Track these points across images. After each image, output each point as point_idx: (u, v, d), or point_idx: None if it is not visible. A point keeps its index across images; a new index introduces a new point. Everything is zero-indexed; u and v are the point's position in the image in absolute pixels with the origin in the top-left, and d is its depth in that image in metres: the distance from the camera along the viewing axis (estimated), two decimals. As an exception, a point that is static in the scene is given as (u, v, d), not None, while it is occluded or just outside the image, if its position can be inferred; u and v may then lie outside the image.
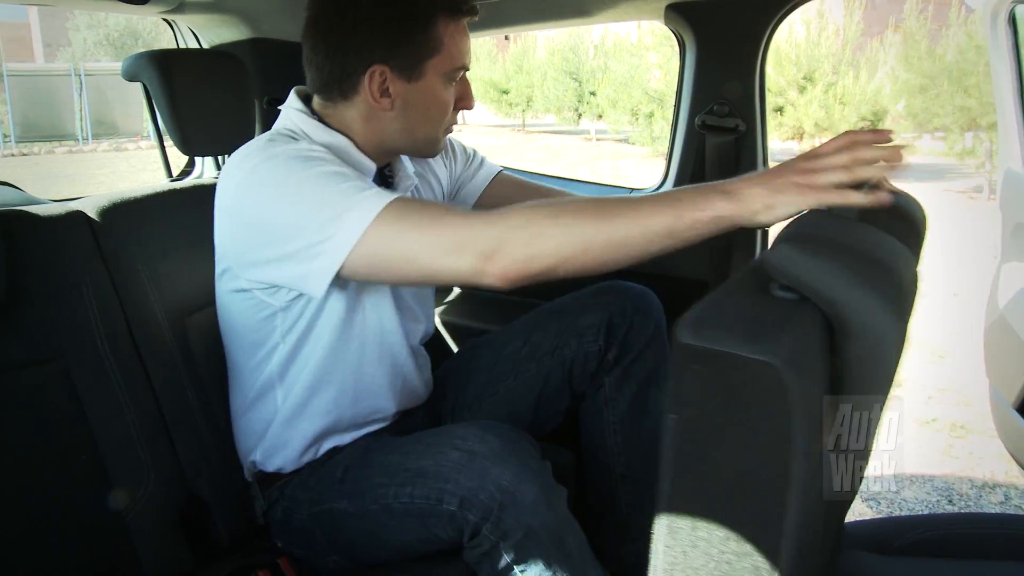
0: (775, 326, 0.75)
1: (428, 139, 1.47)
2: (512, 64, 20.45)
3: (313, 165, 1.27)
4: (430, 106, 1.42)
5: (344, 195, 1.23)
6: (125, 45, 24.30)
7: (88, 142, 18.02)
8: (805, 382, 0.72)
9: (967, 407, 4.15)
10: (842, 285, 0.80)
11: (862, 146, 1.10)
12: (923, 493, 3.24)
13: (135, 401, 1.49)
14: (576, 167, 15.07)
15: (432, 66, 1.38)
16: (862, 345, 0.81)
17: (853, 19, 13.94)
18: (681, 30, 1.82)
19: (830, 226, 0.96)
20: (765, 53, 1.76)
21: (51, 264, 1.46)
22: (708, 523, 0.75)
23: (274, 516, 1.54)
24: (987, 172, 11.33)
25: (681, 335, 0.73)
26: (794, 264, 0.82)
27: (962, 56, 11.53)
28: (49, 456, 1.39)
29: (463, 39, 1.41)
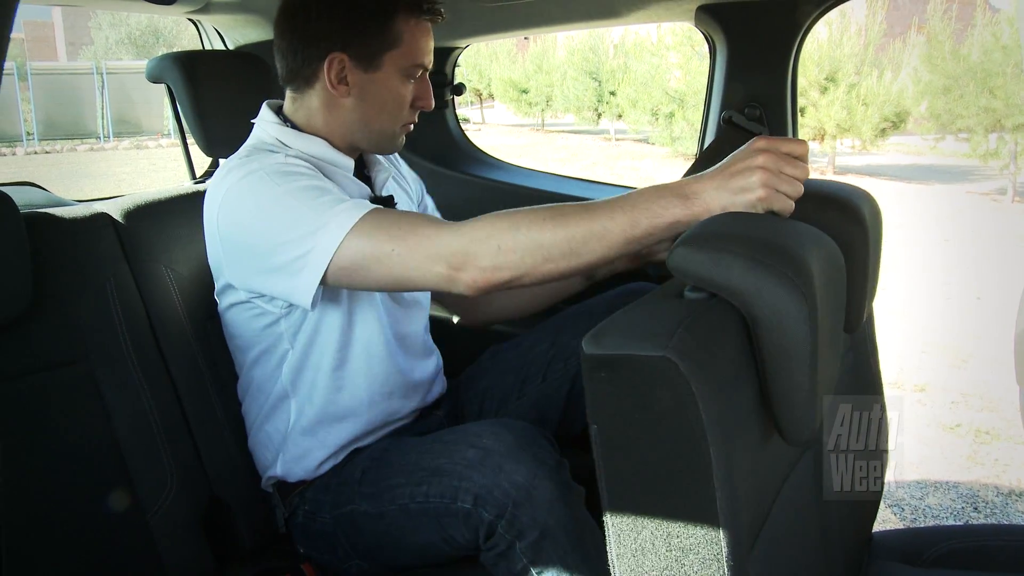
0: (675, 325, 0.78)
1: (384, 133, 1.49)
2: (532, 63, 20.42)
3: (290, 180, 1.30)
4: (386, 99, 1.45)
5: (320, 209, 1.26)
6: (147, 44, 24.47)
7: (109, 140, 18.14)
8: (712, 374, 0.76)
9: (992, 412, 4.10)
10: (742, 275, 0.84)
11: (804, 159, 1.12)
12: (948, 500, 3.20)
13: (159, 403, 1.49)
14: (595, 167, 15.04)
15: (390, 59, 1.42)
16: (771, 328, 0.84)
17: (876, 19, 13.82)
18: (712, 32, 1.80)
19: (731, 221, 0.99)
20: (797, 56, 1.74)
21: (76, 266, 1.46)
22: (649, 524, 0.78)
23: (296, 521, 1.53)
24: (1011, 174, 11.22)
25: (586, 346, 0.78)
26: (692, 263, 0.87)
27: (987, 56, 11.42)
28: (73, 458, 1.39)
29: (424, 38, 1.44)
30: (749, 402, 0.86)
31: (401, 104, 1.46)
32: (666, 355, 0.74)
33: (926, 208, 10.69)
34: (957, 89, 11.68)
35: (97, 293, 1.47)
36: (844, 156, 14.74)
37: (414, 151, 2.23)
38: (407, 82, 1.45)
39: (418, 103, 1.49)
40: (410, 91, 1.47)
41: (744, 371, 0.86)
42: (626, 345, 0.77)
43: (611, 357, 0.77)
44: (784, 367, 0.86)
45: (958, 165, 13.44)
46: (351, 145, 1.51)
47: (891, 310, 6.06)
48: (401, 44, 1.41)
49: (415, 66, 1.44)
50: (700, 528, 0.77)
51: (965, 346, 5.16)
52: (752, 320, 0.86)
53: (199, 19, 2.11)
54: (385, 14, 1.40)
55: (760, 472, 0.89)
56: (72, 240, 1.47)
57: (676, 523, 0.78)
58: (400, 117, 1.48)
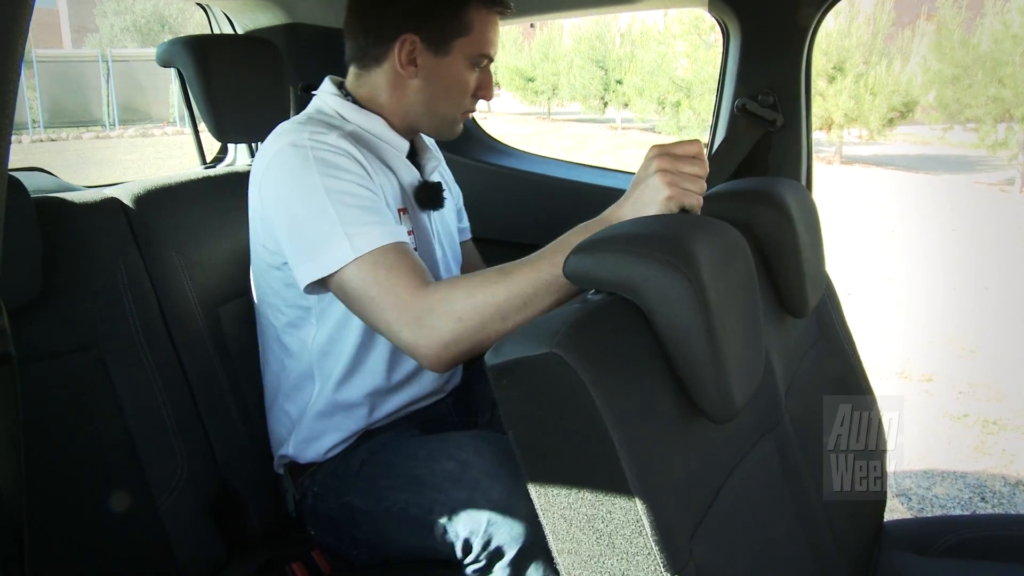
0: (561, 323, 0.83)
1: (446, 117, 1.51)
2: (538, 52, 20.40)
3: (332, 174, 1.30)
4: (451, 84, 1.48)
5: (346, 220, 1.27)
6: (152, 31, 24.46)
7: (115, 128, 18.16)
8: (603, 363, 0.81)
9: (999, 402, 4.10)
10: (628, 269, 0.90)
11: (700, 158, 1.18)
12: (955, 490, 3.20)
13: (169, 390, 1.49)
14: (602, 155, 15.02)
15: (459, 46, 1.44)
16: (663, 314, 0.89)
17: (884, 8, 13.76)
18: (726, 18, 1.79)
19: (619, 225, 1.05)
20: (812, 43, 1.73)
21: (87, 251, 1.45)
22: (577, 516, 0.83)
23: (306, 504, 1.53)
24: (1020, 164, 11.19)
25: (488, 358, 0.83)
26: (583, 267, 0.94)
27: (997, 46, 11.37)
28: (84, 446, 1.39)
29: (492, 29, 1.47)
30: (659, 387, 0.90)
31: (464, 91, 1.49)
32: (552, 351, 0.79)
33: (933, 198, 10.67)
34: (966, 78, 11.65)
35: (108, 279, 1.46)
36: (851, 146, 14.71)
37: (424, 138, 2.22)
38: (472, 70, 1.48)
39: (480, 92, 1.52)
40: (474, 80, 1.49)
41: (648, 358, 0.90)
42: (519, 349, 0.82)
43: (508, 363, 0.82)
44: (683, 348, 0.89)
45: (966, 155, 13.41)
46: (410, 126, 1.53)
47: (899, 300, 6.05)
48: (471, 32, 1.44)
49: (481, 55, 1.47)
50: (620, 511, 0.80)
51: (972, 336, 5.16)
52: (647, 310, 0.90)
53: (209, 4, 2.10)
54: (460, 2, 1.42)
55: (693, 455, 0.93)
56: (83, 226, 1.46)
57: (598, 509, 0.81)
58: (462, 104, 1.51)
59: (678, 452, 0.90)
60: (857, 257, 7.32)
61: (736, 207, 1.38)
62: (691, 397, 0.92)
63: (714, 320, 0.89)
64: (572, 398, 0.80)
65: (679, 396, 0.92)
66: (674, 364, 0.91)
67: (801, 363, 1.43)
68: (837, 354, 1.58)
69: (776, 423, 1.21)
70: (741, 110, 1.75)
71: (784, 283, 1.36)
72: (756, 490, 1.08)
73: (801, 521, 1.20)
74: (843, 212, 9.25)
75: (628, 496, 0.80)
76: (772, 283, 1.36)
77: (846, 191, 10.94)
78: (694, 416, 0.94)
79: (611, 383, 0.81)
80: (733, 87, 1.79)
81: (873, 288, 6.37)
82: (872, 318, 5.50)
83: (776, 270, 1.36)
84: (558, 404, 0.81)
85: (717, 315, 0.90)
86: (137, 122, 18.47)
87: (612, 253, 0.93)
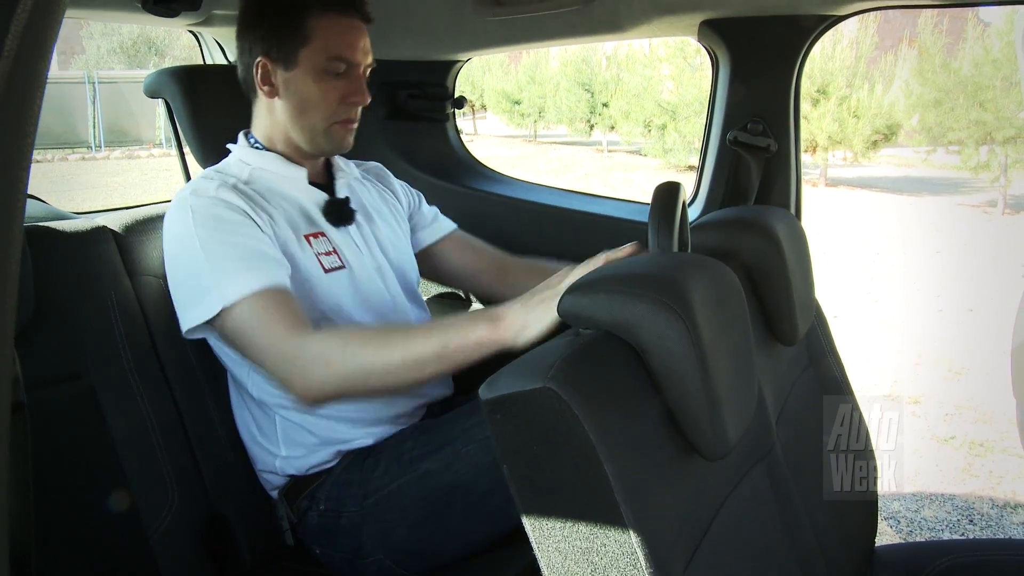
0: (556, 358, 0.84)
1: (314, 129, 1.54)
2: (524, 74, 20.46)
3: (204, 226, 1.39)
4: (307, 95, 1.51)
5: (211, 274, 1.36)
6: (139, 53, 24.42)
7: (101, 149, 18.09)
8: (596, 397, 0.82)
9: (986, 424, 4.12)
10: (622, 309, 0.91)
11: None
12: (943, 512, 3.21)
13: (160, 419, 1.48)
14: (588, 178, 15.07)
15: (304, 56, 1.49)
16: (657, 353, 0.91)
17: (867, 32, 13.92)
18: (715, 47, 1.80)
19: (613, 265, 1.07)
20: (800, 72, 1.75)
21: (77, 280, 1.45)
22: (571, 550, 0.83)
23: (309, 523, 1.52)
24: (1002, 186, 11.29)
25: (482, 393, 0.84)
26: (577, 307, 0.95)
27: (978, 70, 11.51)
28: (74, 476, 1.38)
29: (338, 32, 1.50)
30: (652, 422, 0.91)
31: (323, 99, 1.51)
32: (546, 385, 0.80)
33: (917, 220, 10.74)
34: (948, 102, 11.77)
35: (98, 307, 1.46)
36: (836, 168, 14.80)
37: (414, 164, 2.23)
38: (327, 77, 1.50)
39: (351, 99, 1.53)
40: (335, 87, 1.51)
41: (641, 394, 0.91)
42: (513, 384, 0.83)
43: (503, 398, 0.83)
44: (678, 387, 0.91)
45: (949, 177, 13.51)
46: (296, 148, 1.57)
47: (885, 321, 6.08)
48: (313, 39, 1.48)
49: (332, 59, 1.49)
50: (614, 543, 0.81)
51: (959, 358, 5.18)
52: (640, 349, 0.92)
53: (200, 31, 2.11)
54: (295, 13, 1.48)
55: (686, 487, 0.94)
56: (74, 254, 1.46)
57: (593, 542, 0.82)
58: (328, 114, 1.52)
59: (672, 485, 0.91)
60: (843, 279, 7.35)
61: (725, 236, 1.39)
62: (684, 434, 0.93)
63: (708, 360, 0.90)
64: (566, 432, 0.80)
65: (672, 431, 0.93)
66: (668, 401, 0.92)
67: (791, 390, 1.43)
68: (827, 380, 1.58)
69: (767, 451, 1.21)
70: (733, 143, 1.77)
71: (774, 312, 1.36)
72: (748, 519, 1.09)
73: (793, 548, 1.20)
74: (828, 234, 9.30)
75: (623, 529, 0.80)
76: (762, 312, 1.37)
77: (831, 213, 11.00)
78: (687, 450, 0.94)
79: (605, 417, 0.82)
80: (723, 114, 1.80)
81: (859, 310, 6.40)
82: (858, 340, 5.52)
83: (766, 299, 1.36)
84: (552, 438, 0.82)
85: (711, 355, 0.91)
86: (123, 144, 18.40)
87: (606, 293, 0.94)
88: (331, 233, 1.55)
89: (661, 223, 1.14)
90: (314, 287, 1.49)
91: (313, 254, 1.50)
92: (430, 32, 2.05)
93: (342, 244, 1.56)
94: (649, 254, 1.15)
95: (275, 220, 1.47)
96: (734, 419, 0.96)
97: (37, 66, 0.46)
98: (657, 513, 0.85)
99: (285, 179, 1.56)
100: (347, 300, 1.53)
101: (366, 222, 1.64)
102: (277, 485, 1.57)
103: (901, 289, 7.15)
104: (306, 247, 1.50)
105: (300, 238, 1.49)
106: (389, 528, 1.45)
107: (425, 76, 2.23)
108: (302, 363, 1.33)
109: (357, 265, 1.56)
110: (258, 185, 1.52)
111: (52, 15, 0.46)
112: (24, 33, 0.44)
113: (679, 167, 15.30)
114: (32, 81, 0.46)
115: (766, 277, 1.35)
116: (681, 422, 0.92)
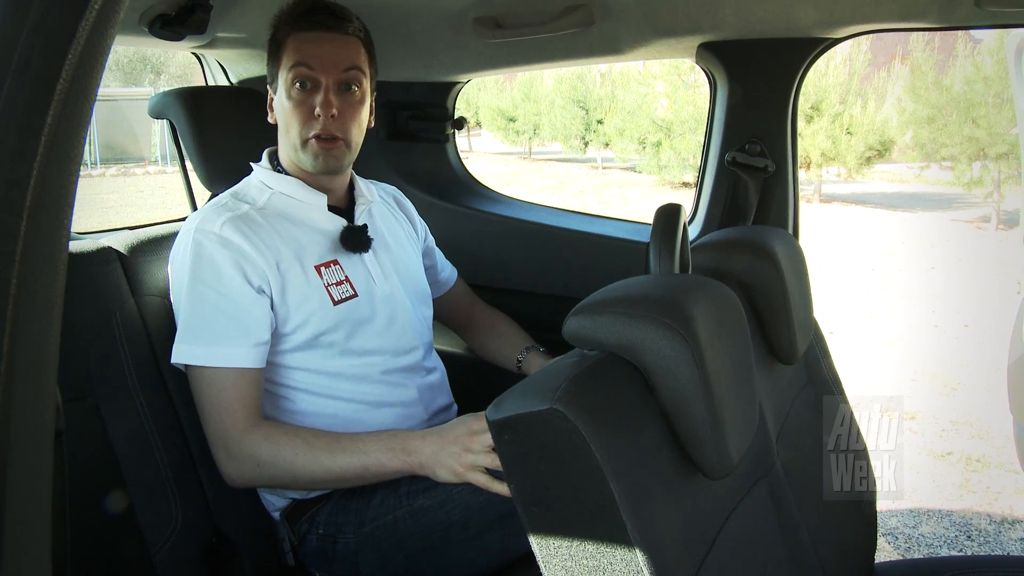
0: (562, 379, 0.85)
1: (295, 147, 1.54)
2: (519, 92, 20.55)
3: (196, 273, 1.43)
4: (283, 111, 1.54)
5: (188, 327, 1.44)
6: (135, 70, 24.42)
7: (96, 167, 18.08)
8: (602, 418, 0.83)
9: (983, 440, 4.13)
10: (626, 331, 0.93)
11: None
12: (941, 528, 3.21)
13: (164, 439, 1.49)
14: (583, 195, 15.10)
15: (280, 73, 1.53)
16: (661, 374, 0.92)
17: (860, 49, 14.01)
18: (713, 69, 1.83)
19: (616, 286, 1.06)
20: (797, 93, 1.77)
21: (83, 300, 1.46)
22: (577, 568, 0.84)
23: (309, 547, 1.53)
24: (995, 202, 11.34)
25: (489, 414, 0.85)
26: (583, 329, 0.96)
27: (969, 87, 11.59)
28: (78, 493, 1.38)
29: (304, 46, 1.50)
30: (656, 441, 0.92)
31: (293, 114, 1.51)
32: (553, 407, 0.82)
33: (912, 236, 10.78)
34: (941, 119, 11.85)
35: (103, 327, 1.46)
36: (830, 184, 14.86)
37: (414, 184, 2.24)
38: (296, 92, 1.51)
39: (320, 112, 1.50)
40: (303, 102, 1.50)
41: (645, 414, 0.92)
42: (520, 405, 0.85)
43: (510, 419, 0.85)
44: (682, 408, 0.92)
45: (943, 193, 13.57)
46: (302, 169, 1.57)
47: (880, 338, 6.10)
48: (284, 56, 1.51)
49: (293, 69, 1.50)
50: (620, 562, 0.82)
51: (954, 374, 5.20)
52: (644, 369, 0.93)
53: (203, 53, 2.12)
54: (275, 34, 1.53)
55: (690, 505, 0.95)
56: (79, 274, 1.47)
57: (599, 560, 0.83)
58: (299, 129, 1.52)
59: (676, 504, 0.92)
60: (838, 295, 7.37)
61: (725, 257, 1.41)
62: (688, 453, 0.94)
63: (711, 380, 0.91)
64: (573, 452, 0.81)
65: (676, 450, 0.94)
66: (671, 422, 0.93)
67: (791, 408, 1.44)
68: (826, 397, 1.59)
69: (768, 470, 1.22)
70: (732, 164, 1.78)
71: (774, 332, 1.38)
72: (750, 536, 1.10)
73: (794, 565, 1.21)
74: (823, 250, 9.33)
75: (628, 547, 0.81)
76: (761, 331, 1.38)
77: (826, 229, 11.04)
78: (691, 469, 0.95)
79: (611, 438, 0.83)
80: (721, 135, 1.82)
81: (855, 326, 6.41)
82: (854, 356, 5.53)
83: (765, 319, 1.38)
84: (559, 458, 0.83)
85: (714, 375, 0.92)
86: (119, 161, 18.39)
87: (611, 315, 0.95)
88: (344, 260, 1.56)
89: (663, 245, 1.16)
90: (322, 320, 1.49)
91: (322, 285, 1.50)
92: (431, 54, 2.07)
93: (356, 272, 1.56)
94: (651, 275, 1.17)
95: (280, 253, 1.48)
96: (736, 438, 0.97)
97: (84, 105, 0.48)
98: (662, 531, 0.86)
99: (304, 204, 1.56)
100: (358, 329, 1.53)
101: (383, 248, 1.64)
102: (279, 507, 1.57)
103: (896, 305, 7.17)
104: (314, 279, 1.50)
105: (309, 269, 1.50)
106: (386, 557, 1.46)
107: (425, 97, 2.25)
108: (236, 455, 1.41)
109: (369, 293, 1.56)
110: (274, 211, 1.53)
111: (100, 53, 0.48)
112: (75, 71, 0.46)
113: (674, 184, 15.35)
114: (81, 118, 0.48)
115: (765, 297, 1.37)
116: (685, 442, 0.93)
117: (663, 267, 1.15)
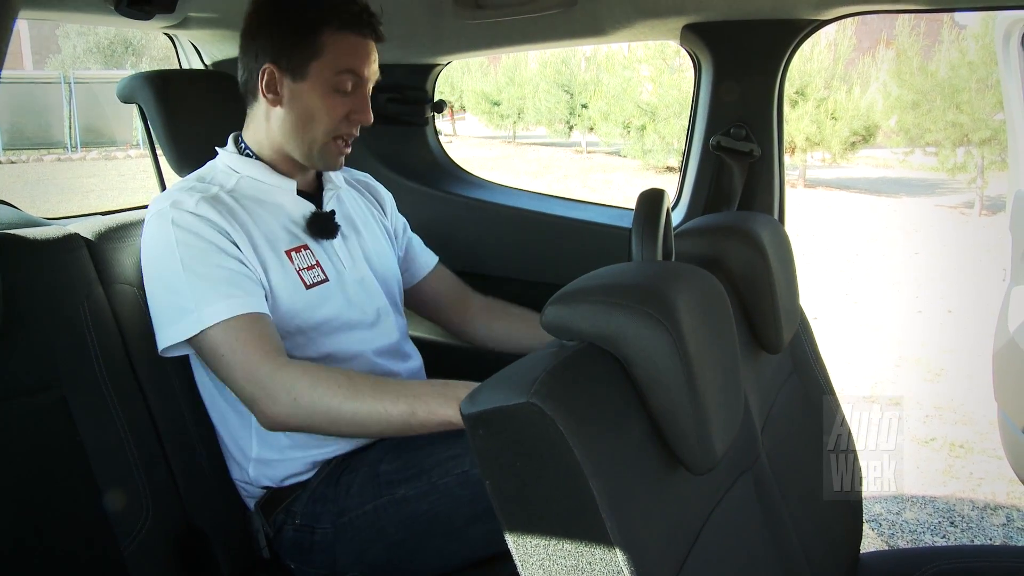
0: (539, 372, 0.82)
1: (313, 143, 1.53)
2: (504, 76, 20.48)
3: (184, 244, 1.40)
4: (313, 108, 1.51)
5: (191, 296, 1.39)
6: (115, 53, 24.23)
7: (77, 150, 17.94)
8: (581, 412, 0.81)
9: (966, 425, 4.14)
10: (606, 321, 0.90)
11: None
12: (924, 515, 3.22)
13: (134, 430, 1.45)
14: (567, 179, 15.09)
15: (315, 69, 1.49)
16: (643, 365, 0.89)
17: (845, 34, 14.00)
18: (697, 51, 1.80)
19: (596, 274, 1.03)
20: (784, 76, 1.74)
21: (49, 288, 1.42)
22: (555, 567, 0.81)
23: (284, 538, 1.50)
24: (978, 187, 11.39)
25: (463, 408, 0.83)
26: (561, 318, 0.93)
27: (954, 72, 11.61)
28: (45, 489, 1.35)
29: (352, 50, 1.50)
30: (638, 436, 0.89)
31: (328, 115, 1.51)
32: (529, 400, 0.78)
33: (896, 221, 10.82)
34: (925, 104, 11.87)
35: (71, 316, 1.43)
36: (815, 169, 14.90)
37: (393, 168, 2.21)
38: (334, 93, 1.50)
39: (354, 116, 1.52)
40: (341, 103, 1.51)
41: (626, 407, 0.89)
42: (496, 399, 0.81)
43: (485, 413, 0.81)
44: (664, 401, 0.89)
45: (927, 178, 13.63)
46: (286, 158, 1.57)
47: (864, 323, 6.11)
48: (325, 54, 1.48)
49: (341, 74, 1.49)
50: (600, 561, 0.79)
51: (938, 360, 5.21)
52: (625, 361, 0.90)
53: (175, 33, 2.07)
54: (311, 26, 1.47)
55: (672, 501, 0.93)
56: (45, 262, 1.43)
57: (578, 560, 0.80)
58: (330, 128, 1.52)
59: (658, 500, 0.89)
60: (822, 280, 7.39)
61: (709, 243, 1.38)
62: (670, 447, 0.91)
63: (694, 371, 0.89)
64: (550, 448, 0.78)
65: (658, 445, 0.91)
66: (653, 415, 0.90)
67: (776, 398, 1.42)
68: (811, 387, 1.58)
69: (753, 461, 1.20)
70: (717, 148, 1.76)
71: (759, 320, 1.35)
72: (735, 530, 1.08)
73: (780, 557, 1.19)
74: (808, 235, 9.35)
75: (608, 546, 0.79)
76: (746, 320, 1.35)
77: (810, 214, 11.07)
78: (673, 464, 0.93)
79: (589, 432, 0.80)
80: (705, 119, 1.79)
81: (839, 311, 6.43)
82: (838, 341, 5.54)
83: (750, 307, 1.35)
84: (536, 454, 0.80)
85: (697, 366, 0.89)
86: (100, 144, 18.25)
87: (590, 304, 0.92)
88: (314, 245, 1.55)
89: (645, 231, 1.13)
90: (295, 303, 1.48)
91: (294, 270, 1.50)
92: (410, 35, 2.03)
93: (326, 256, 1.56)
94: (633, 262, 1.14)
95: (254, 236, 1.47)
96: (721, 431, 0.94)
97: None
98: (643, 529, 0.83)
99: (273, 188, 1.55)
100: (330, 314, 1.52)
101: (352, 233, 1.63)
102: (254, 497, 1.54)
103: (880, 290, 7.19)
104: (286, 263, 1.49)
105: (280, 254, 1.49)
106: (364, 546, 1.44)
107: (405, 79, 2.21)
108: (272, 390, 1.35)
109: (340, 278, 1.56)
110: (243, 195, 1.52)
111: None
112: None
113: (658, 168, 15.35)
114: None
115: (751, 285, 1.34)
116: (667, 436, 0.90)
117: (646, 254, 1.12)
